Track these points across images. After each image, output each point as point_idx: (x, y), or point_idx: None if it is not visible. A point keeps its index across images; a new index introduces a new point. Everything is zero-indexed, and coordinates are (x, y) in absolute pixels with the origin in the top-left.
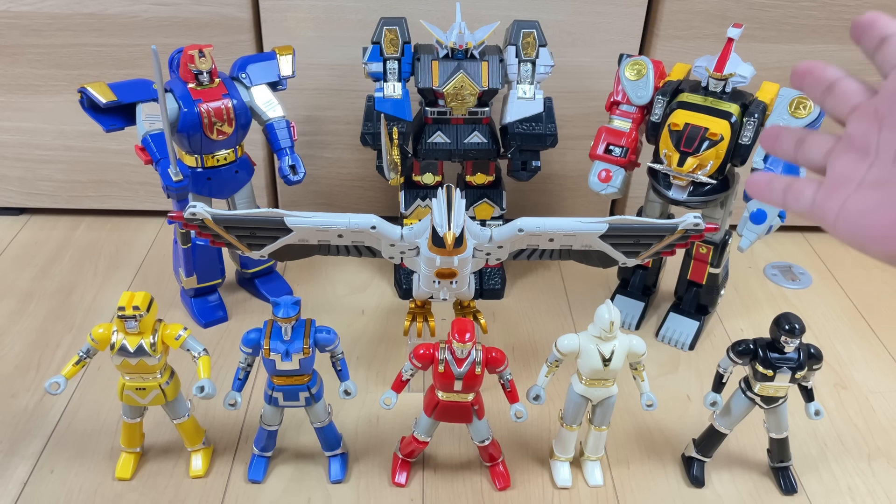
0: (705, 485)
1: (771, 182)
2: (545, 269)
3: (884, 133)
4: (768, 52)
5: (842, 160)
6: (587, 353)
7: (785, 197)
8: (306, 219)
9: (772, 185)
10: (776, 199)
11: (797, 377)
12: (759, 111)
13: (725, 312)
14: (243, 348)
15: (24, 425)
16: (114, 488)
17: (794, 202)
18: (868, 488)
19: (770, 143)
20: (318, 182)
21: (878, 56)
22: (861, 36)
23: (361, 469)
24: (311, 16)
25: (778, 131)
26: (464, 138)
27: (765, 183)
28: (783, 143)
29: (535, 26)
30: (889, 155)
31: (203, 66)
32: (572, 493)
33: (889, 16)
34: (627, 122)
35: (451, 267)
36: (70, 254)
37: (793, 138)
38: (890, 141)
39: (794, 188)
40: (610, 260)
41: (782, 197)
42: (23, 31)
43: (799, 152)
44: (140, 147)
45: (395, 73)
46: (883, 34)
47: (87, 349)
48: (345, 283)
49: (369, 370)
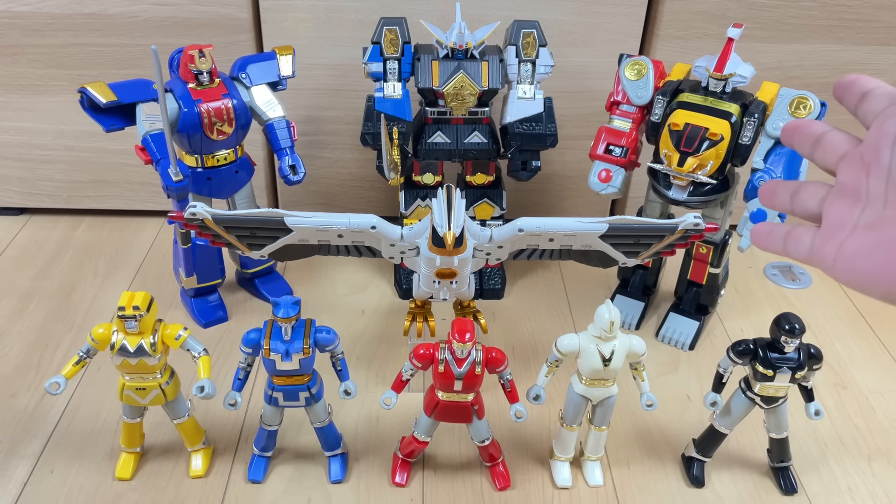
0: (705, 485)
1: (772, 231)
2: (545, 269)
3: (871, 179)
4: (768, 52)
5: (835, 206)
6: (587, 353)
7: (785, 244)
8: (306, 219)
9: (773, 234)
10: (777, 247)
11: (797, 377)
12: (759, 111)
13: (725, 312)
14: (243, 348)
15: (24, 425)
16: (114, 488)
17: (794, 249)
18: (868, 488)
19: (767, 196)
20: (318, 182)
21: (860, 110)
22: (844, 95)
23: (361, 469)
24: (311, 16)
25: (774, 185)
26: (464, 138)
27: (766, 232)
28: (779, 195)
29: (535, 26)
30: (879, 198)
31: (203, 66)
32: (572, 493)
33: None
34: (627, 122)
35: (451, 267)
36: (70, 254)
37: (788, 190)
38: (878, 185)
39: (793, 235)
40: (610, 260)
41: (783, 245)
42: (23, 31)
43: (795, 203)
44: (140, 147)
45: (395, 73)
46: (863, 91)
47: (87, 349)
48: (345, 283)
49: (369, 370)
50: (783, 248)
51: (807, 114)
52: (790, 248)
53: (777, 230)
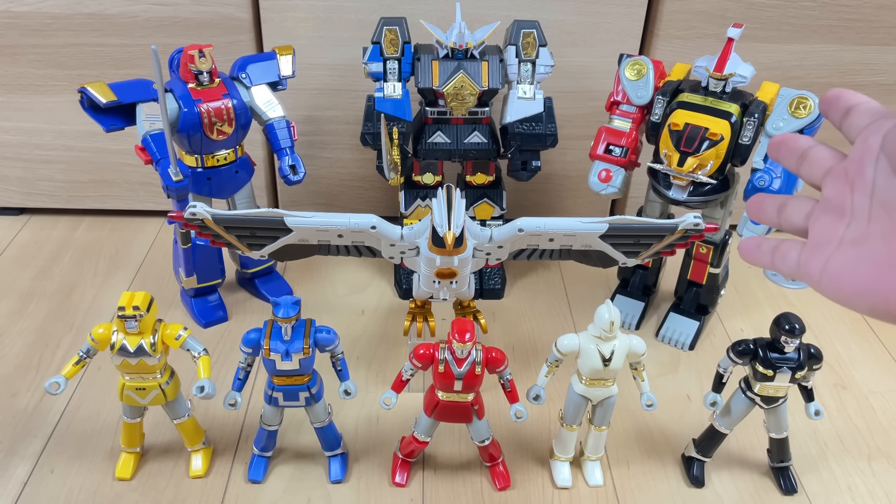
0: (705, 485)
1: (760, 245)
2: (545, 269)
3: (856, 194)
4: (768, 52)
5: (821, 221)
6: (587, 353)
7: (773, 259)
8: (306, 219)
9: (761, 249)
10: (765, 261)
11: (797, 377)
12: (759, 111)
13: (725, 312)
14: (243, 348)
15: (24, 425)
16: (114, 488)
17: (781, 263)
18: (868, 488)
19: (755, 210)
20: (318, 182)
21: (844, 125)
22: (828, 109)
23: (361, 469)
24: (311, 16)
25: (762, 199)
26: (464, 138)
27: (754, 247)
28: (766, 209)
29: (535, 26)
30: (863, 214)
31: (203, 66)
32: (572, 493)
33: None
34: (627, 122)
35: (451, 267)
36: (70, 254)
37: (775, 205)
38: (862, 201)
39: (780, 250)
40: (610, 260)
41: (770, 259)
42: (23, 31)
43: (781, 218)
44: (140, 147)
45: (395, 73)
46: (848, 105)
47: (87, 349)
48: (345, 283)
49: (369, 370)
50: (771, 263)
51: (807, 114)
52: (777, 262)
53: (765, 245)
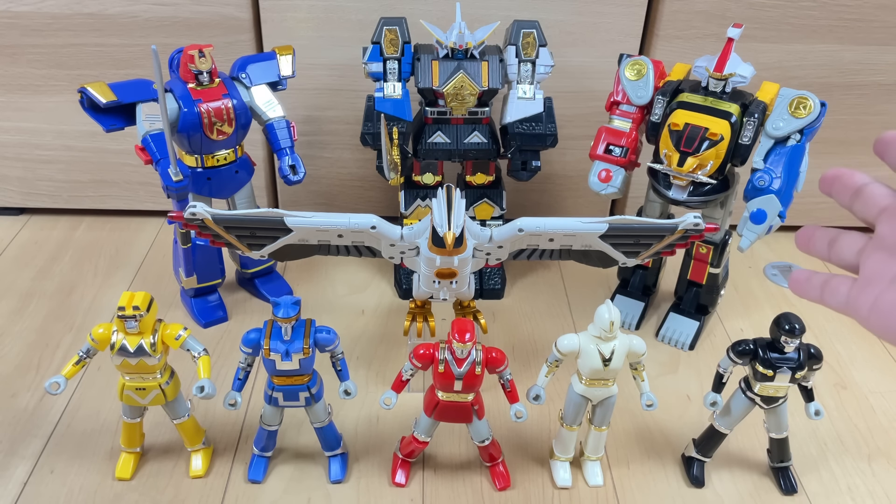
0: (705, 485)
1: (810, 279)
2: (545, 269)
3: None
4: (768, 52)
5: (873, 258)
6: (587, 353)
7: (822, 293)
8: (306, 219)
9: (811, 282)
10: (814, 295)
11: (797, 377)
12: (759, 111)
13: (725, 312)
14: (243, 348)
15: (24, 425)
16: (114, 488)
17: (831, 298)
18: (868, 488)
19: (804, 242)
20: (318, 182)
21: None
22: (831, 189)
23: (361, 469)
24: (311, 16)
25: (812, 232)
26: (464, 138)
27: (804, 280)
28: (816, 243)
29: (535, 26)
30: None
31: (203, 66)
32: (572, 493)
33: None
34: (627, 122)
35: (451, 267)
36: (70, 254)
37: (826, 238)
38: None
39: (830, 285)
40: (610, 260)
41: (820, 293)
42: (23, 31)
43: (832, 252)
44: (140, 147)
45: (395, 73)
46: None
47: (87, 349)
48: (345, 283)
49: (369, 370)
50: (820, 297)
51: (807, 113)
52: (826, 297)
53: (815, 279)
